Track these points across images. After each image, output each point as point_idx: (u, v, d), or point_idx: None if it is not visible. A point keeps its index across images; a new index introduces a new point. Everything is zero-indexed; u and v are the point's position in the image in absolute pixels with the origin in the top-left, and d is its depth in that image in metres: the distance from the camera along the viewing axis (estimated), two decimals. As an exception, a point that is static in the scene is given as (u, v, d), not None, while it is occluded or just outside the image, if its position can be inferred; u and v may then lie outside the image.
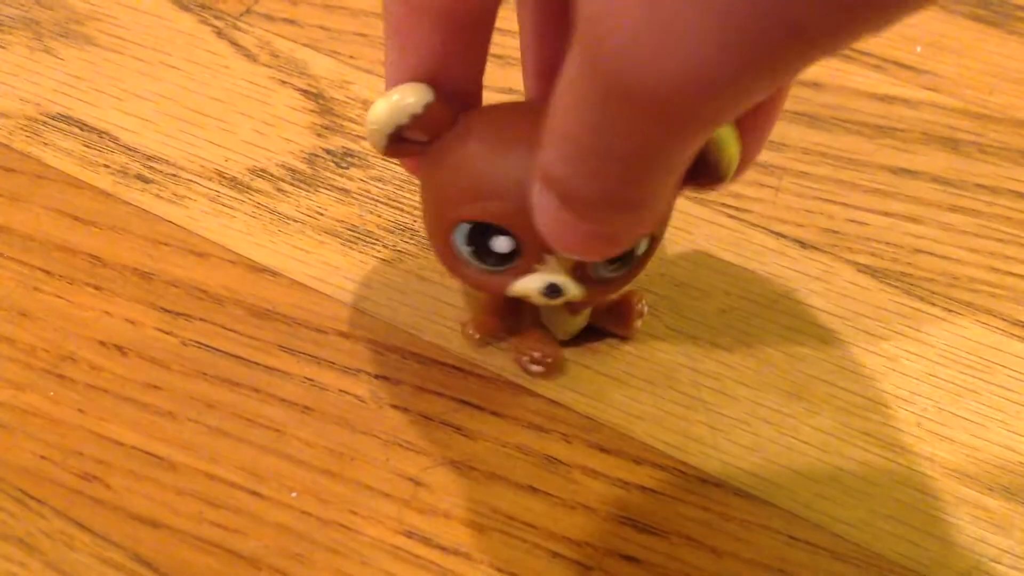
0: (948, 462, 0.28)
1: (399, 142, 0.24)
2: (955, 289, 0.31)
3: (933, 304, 0.31)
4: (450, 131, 0.24)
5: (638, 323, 0.29)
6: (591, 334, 0.29)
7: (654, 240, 0.25)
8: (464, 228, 0.24)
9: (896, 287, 0.31)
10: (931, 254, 0.32)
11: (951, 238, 0.33)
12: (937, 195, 0.34)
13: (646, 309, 0.30)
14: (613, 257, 0.23)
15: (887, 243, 0.32)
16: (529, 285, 0.24)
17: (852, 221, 0.33)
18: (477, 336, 0.29)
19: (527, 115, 0.22)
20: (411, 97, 0.23)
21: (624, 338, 0.30)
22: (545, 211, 0.21)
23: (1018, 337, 0.30)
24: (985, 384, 0.29)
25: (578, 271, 0.24)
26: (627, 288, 0.28)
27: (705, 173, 0.23)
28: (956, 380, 0.29)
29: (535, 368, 0.29)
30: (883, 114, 0.36)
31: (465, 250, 0.24)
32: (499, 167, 0.23)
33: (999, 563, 0.26)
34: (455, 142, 0.23)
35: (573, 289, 0.24)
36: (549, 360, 0.28)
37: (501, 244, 0.24)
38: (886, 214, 0.33)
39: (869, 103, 0.37)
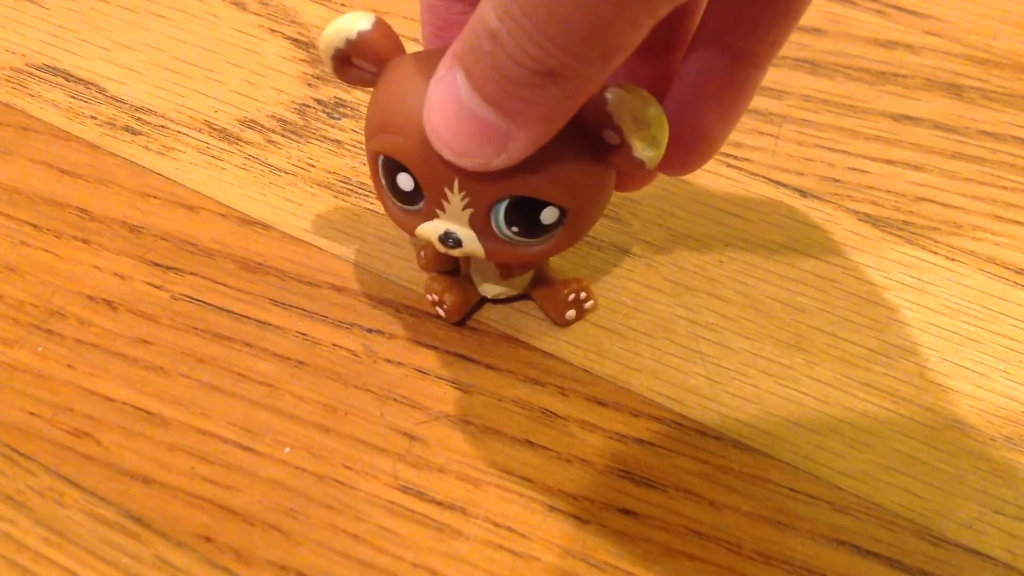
0: (950, 412, 0.27)
1: (348, 66, 0.25)
2: (958, 238, 0.31)
3: (935, 253, 0.30)
4: (388, 65, 0.24)
5: (570, 314, 0.28)
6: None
7: (569, 217, 0.24)
8: (382, 160, 0.24)
9: (898, 236, 0.31)
10: (933, 202, 0.32)
11: (954, 186, 0.32)
12: (940, 142, 0.33)
13: (589, 304, 0.28)
14: (499, 169, 0.22)
15: (889, 191, 0.32)
16: (429, 230, 0.25)
17: (853, 169, 0.32)
18: (423, 268, 0.29)
19: None
20: (348, 23, 0.24)
21: (558, 325, 0.29)
22: (441, 98, 0.21)
23: (1021, 286, 0.30)
24: (988, 334, 0.29)
25: (477, 223, 0.24)
26: (573, 275, 0.29)
27: (623, 154, 0.23)
28: (958, 330, 0.29)
29: (436, 309, 0.28)
30: (885, 60, 0.36)
31: (384, 183, 0.25)
32: (404, 103, 0.23)
33: (1001, 514, 0.26)
34: (385, 76, 0.24)
35: (472, 243, 0.24)
36: (445, 305, 0.28)
37: (404, 181, 0.24)
38: (888, 162, 0.33)
39: (871, 49, 0.36)
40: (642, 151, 0.22)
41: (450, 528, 0.25)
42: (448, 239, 0.24)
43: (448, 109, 0.21)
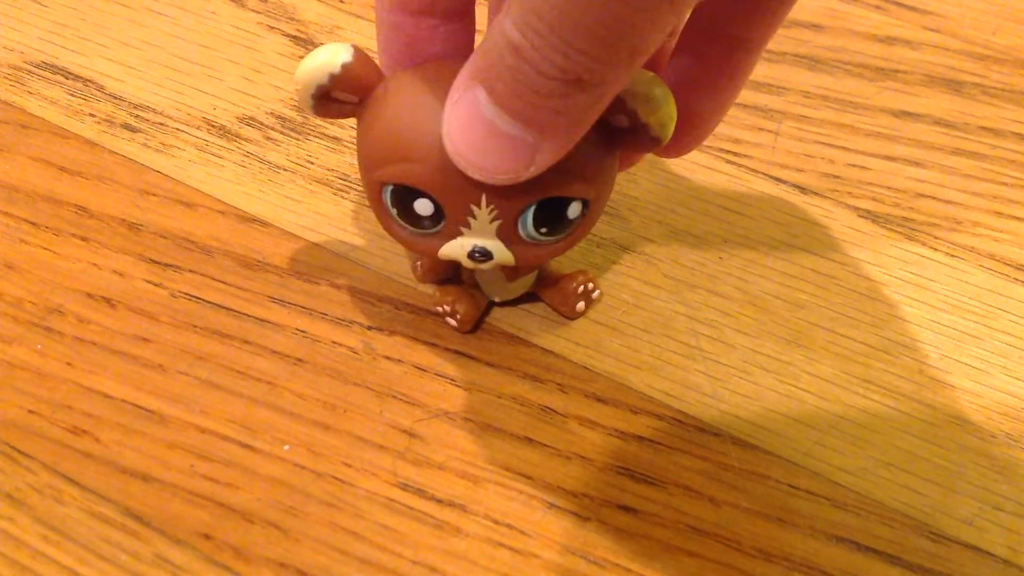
0: (950, 409, 0.27)
1: (328, 102, 0.24)
2: (958, 234, 0.31)
3: (935, 249, 0.30)
4: (376, 92, 0.24)
5: (580, 305, 0.28)
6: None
7: (590, 207, 0.24)
8: (389, 190, 0.24)
9: (898, 232, 0.31)
10: (933, 198, 0.32)
11: (954, 182, 0.32)
12: (940, 138, 0.33)
13: (596, 294, 0.28)
14: (523, 182, 0.22)
15: (889, 188, 0.32)
16: (455, 249, 0.24)
17: (853, 165, 0.32)
18: (420, 280, 0.29)
19: (448, 77, 0.22)
20: (328, 57, 0.23)
21: (568, 318, 0.29)
22: (462, 119, 0.21)
23: (1021, 282, 0.30)
24: (988, 330, 0.29)
25: (505, 232, 0.24)
26: (576, 269, 0.29)
27: (637, 135, 0.23)
28: (958, 326, 0.29)
29: (448, 320, 0.28)
30: (885, 56, 0.36)
31: (393, 212, 0.24)
32: (415, 129, 0.23)
33: (1001, 510, 0.26)
34: (378, 103, 0.23)
35: (501, 253, 0.24)
36: (457, 316, 0.28)
37: (422, 207, 0.24)
38: (888, 158, 0.33)
39: (870, 45, 0.36)
40: (657, 130, 0.23)
41: (449, 525, 0.25)
42: (477, 253, 0.24)
43: (471, 129, 0.21)
